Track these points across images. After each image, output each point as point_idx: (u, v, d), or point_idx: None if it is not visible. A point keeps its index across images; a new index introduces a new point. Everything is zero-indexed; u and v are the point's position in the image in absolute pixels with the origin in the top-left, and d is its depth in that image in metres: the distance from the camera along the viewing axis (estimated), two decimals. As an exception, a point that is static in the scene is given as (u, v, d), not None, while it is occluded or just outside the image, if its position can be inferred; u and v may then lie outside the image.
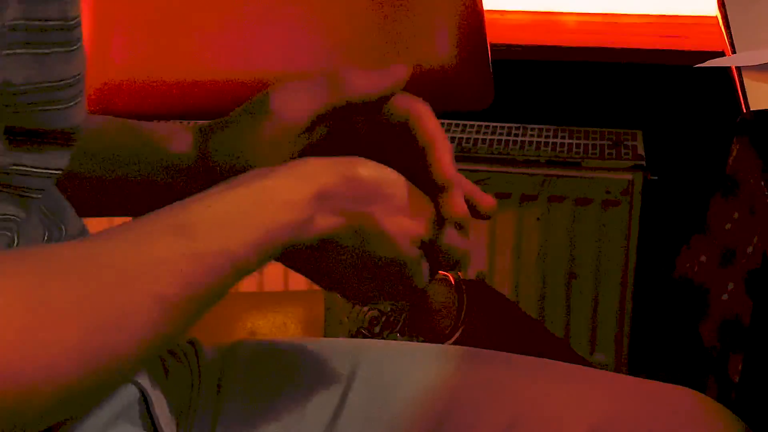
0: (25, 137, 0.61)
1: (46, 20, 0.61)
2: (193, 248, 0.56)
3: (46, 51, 0.62)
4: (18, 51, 0.59)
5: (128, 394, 0.72)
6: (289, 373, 0.83)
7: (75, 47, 0.64)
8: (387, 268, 0.72)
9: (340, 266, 0.72)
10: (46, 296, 0.48)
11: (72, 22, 0.64)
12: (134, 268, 0.53)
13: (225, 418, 0.80)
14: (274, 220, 0.63)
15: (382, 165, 0.72)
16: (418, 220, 0.72)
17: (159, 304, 0.53)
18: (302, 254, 0.69)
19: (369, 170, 0.70)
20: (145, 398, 0.73)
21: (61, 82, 0.63)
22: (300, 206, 0.65)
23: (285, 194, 0.65)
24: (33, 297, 0.47)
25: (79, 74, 0.65)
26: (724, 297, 1.31)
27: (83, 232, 0.73)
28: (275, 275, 1.92)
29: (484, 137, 1.95)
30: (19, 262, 0.49)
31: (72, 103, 0.65)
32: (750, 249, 1.26)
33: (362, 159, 0.72)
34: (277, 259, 0.69)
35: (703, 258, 1.40)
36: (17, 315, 0.46)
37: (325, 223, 0.67)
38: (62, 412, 0.53)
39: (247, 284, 0.82)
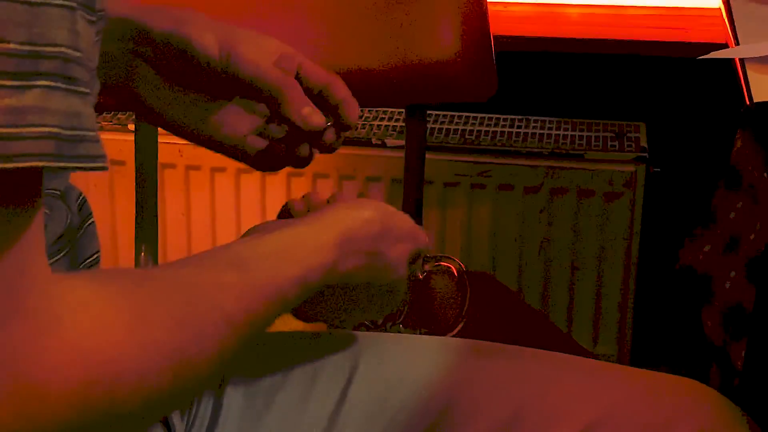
0: None
1: None
2: (246, 279, 0.64)
3: None
4: None
5: None
6: (291, 366, 0.83)
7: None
8: (381, 293, 0.79)
9: (345, 302, 0.79)
10: (145, 308, 0.54)
11: None
12: (206, 291, 0.61)
13: (227, 410, 0.80)
14: (309, 260, 0.70)
15: (375, 201, 0.82)
16: (407, 241, 0.80)
17: (226, 323, 0.61)
18: (316, 298, 0.75)
19: (372, 209, 0.78)
20: None
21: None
22: (327, 249, 0.72)
23: (314, 239, 0.72)
24: (135, 308, 0.54)
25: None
26: (727, 285, 1.31)
27: (83, 209, 0.75)
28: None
29: (487, 129, 1.94)
30: (122, 281, 0.56)
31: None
32: (752, 236, 1.26)
33: (364, 200, 0.81)
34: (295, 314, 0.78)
35: (707, 248, 1.40)
36: (125, 322, 0.52)
37: (349, 264, 0.74)
38: (145, 417, 0.58)
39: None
